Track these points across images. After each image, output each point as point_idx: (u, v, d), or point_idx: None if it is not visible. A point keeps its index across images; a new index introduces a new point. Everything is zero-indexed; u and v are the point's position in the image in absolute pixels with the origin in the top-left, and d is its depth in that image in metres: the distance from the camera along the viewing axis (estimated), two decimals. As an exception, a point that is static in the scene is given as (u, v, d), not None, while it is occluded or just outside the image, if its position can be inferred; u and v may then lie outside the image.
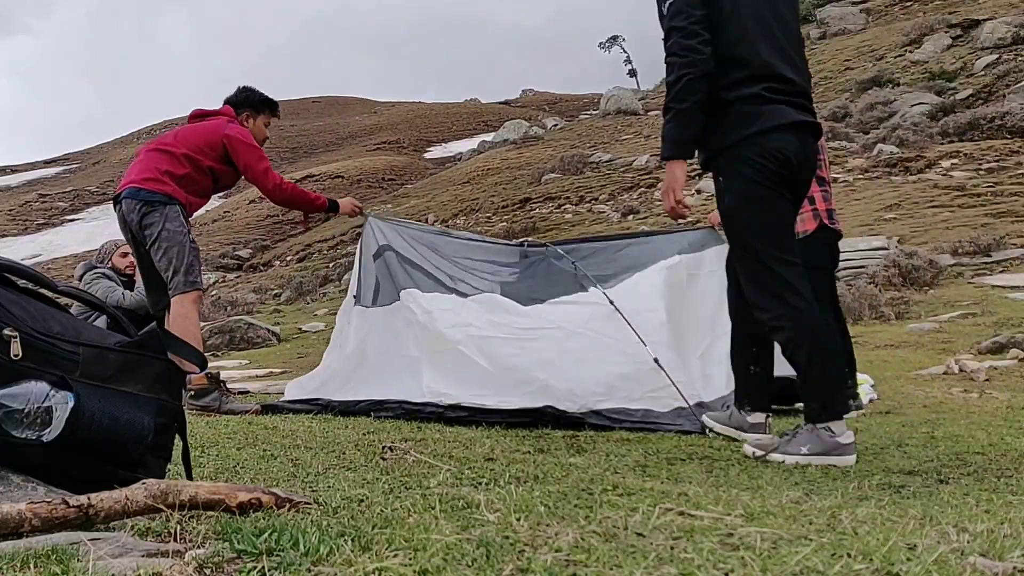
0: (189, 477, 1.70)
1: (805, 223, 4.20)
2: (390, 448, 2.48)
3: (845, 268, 11.72)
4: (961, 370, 6.02)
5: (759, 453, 2.82)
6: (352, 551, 1.15)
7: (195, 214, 4.49)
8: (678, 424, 3.44)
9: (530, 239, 5.02)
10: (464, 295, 4.21)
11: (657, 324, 3.96)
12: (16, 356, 1.47)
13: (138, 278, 5.80)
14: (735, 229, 2.94)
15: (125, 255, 5.91)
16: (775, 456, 2.76)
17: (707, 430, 3.37)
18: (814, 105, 3.04)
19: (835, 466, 2.64)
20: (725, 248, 3.89)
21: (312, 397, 3.95)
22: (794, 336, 2.78)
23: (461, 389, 3.60)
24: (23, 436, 1.45)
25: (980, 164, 17.78)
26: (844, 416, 2.82)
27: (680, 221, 3.20)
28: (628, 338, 3.79)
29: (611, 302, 3.95)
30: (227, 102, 4.61)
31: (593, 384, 3.61)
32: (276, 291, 20.89)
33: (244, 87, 4.69)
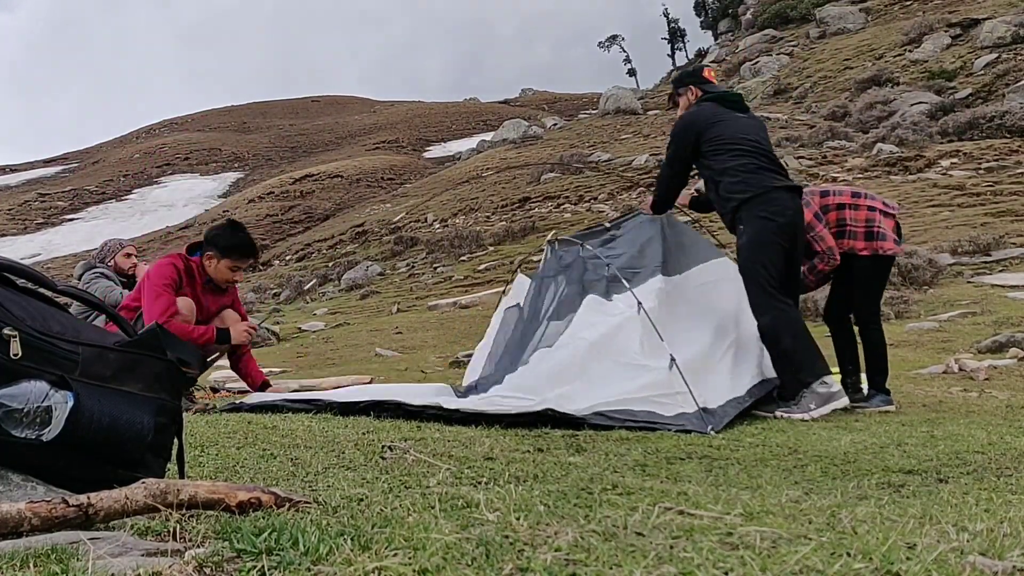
0: (181, 476, 1.70)
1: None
2: (390, 447, 2.48)
3: (844, 267, 11.70)
4: (961, 369, 6.02)
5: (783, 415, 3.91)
6: (352, 550, 1.15)
7: (194, 214, 4.42)
8: (680, 424, 3.44)
9: (561, 236, 5.01)
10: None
11: (678, 327, 4.01)
12: (16, 355, 1.47)
13: (139, 278, 5.81)
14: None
15: (129, 255, 5.91)
16: (796, 416, 3.85)
17: (710, 429, 3.38)
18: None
19: (836, 408, 3.89)
20: (726, 261, 4.16)
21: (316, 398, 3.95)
22: (780, 326, 4.04)
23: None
24: (23, 435, 1.45)
25: (980, 163, 17.79)
26: (829, 374, 4.00)
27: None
28: (647, 341, 3.85)
29: (639, 303, 3.99)
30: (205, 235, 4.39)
31: (601, 392, 3.63)
32: (275, 290, 20.88)
33: (226, 223, 4.44)
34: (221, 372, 7.31)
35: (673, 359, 3.71)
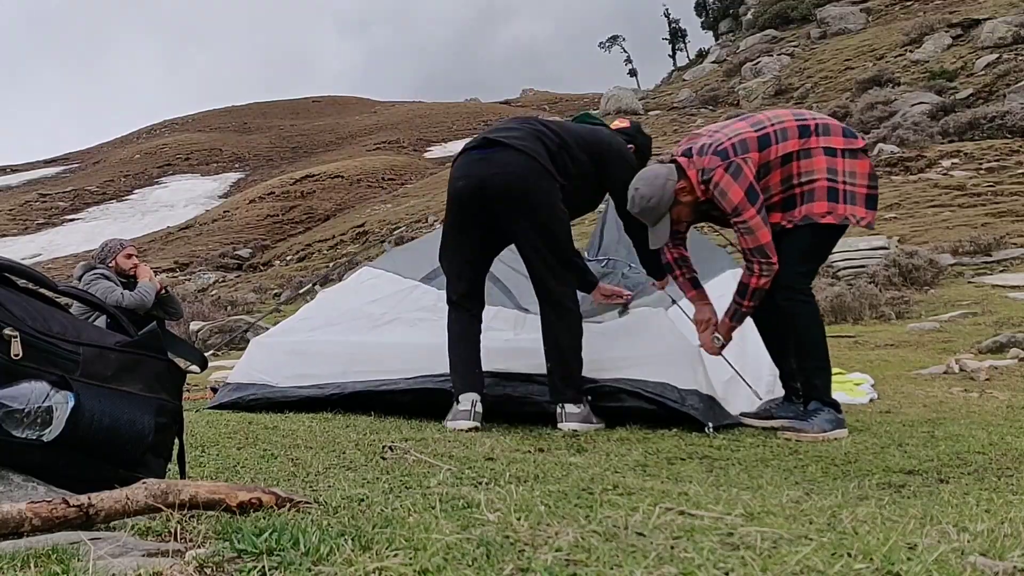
0: (183, 476, 1.70)
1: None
2: (390, 448, 2.48)
3: (845, 268, 11.74)
4: (961, 370, 6.02)
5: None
6: (352, 551, 1.15)
7: (194, 214, 4.38)
8: (686, 408, 3.34)
9: (607, 257, 4.91)
10: (526, 310, 4.18)
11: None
12: (16, 356, 1.47)
13: (140, 279, 5.81)
14: None
15: (129, 256, 5.90)
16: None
17: (707, 427, 3.35)
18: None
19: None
20: (738, 271, 4.10)
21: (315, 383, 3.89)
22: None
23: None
24: (23, 436, 1.45)
25: (980, 164, 17.80)
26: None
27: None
28: (673, 329, 3.70)
29: (673, 300, 3.90)
30: None
31: (616, 360, 3.54)
32: (276, 291, 20.90)
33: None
34: (222, 372, 7.31)
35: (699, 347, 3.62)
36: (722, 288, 4.49)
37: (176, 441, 1.71)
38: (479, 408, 3.26)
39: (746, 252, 3.31)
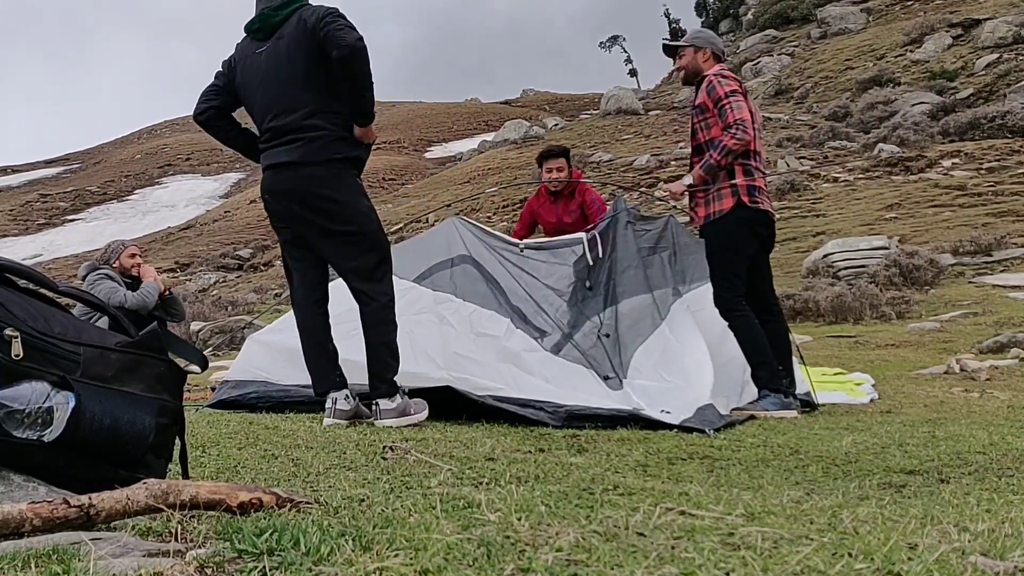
0: (185, 476, 1.70)
1: (723, 201, 4.20)
2: (391, 448, 2.48)
3: (846, 268, 11.73)
4: (962, 369, 6.03)
5: None
6: (353, 551, 1.15)
7: (195, 214, 4.39)
8: (697, 415, 3.47)
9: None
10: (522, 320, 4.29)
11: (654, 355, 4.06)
12: (17, 356, 1.47)
13: (143, 278, 5.81)
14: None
15: (133, 255, 5.90)
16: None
17: (709, 429, 3.38)
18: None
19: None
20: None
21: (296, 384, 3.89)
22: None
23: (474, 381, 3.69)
24: (24, 436, 1.45)
25: (981, 163, 17.80)
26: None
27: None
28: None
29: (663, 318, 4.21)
30: None
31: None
32: (277, 291, 20.90)
33: None
34: (223, 372, 7.30)
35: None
36: (704, 302, 4.51)
37: (177, 441, 1.71)
38: (340, 405, 3.34)
39: (730, 124, 4.12)
